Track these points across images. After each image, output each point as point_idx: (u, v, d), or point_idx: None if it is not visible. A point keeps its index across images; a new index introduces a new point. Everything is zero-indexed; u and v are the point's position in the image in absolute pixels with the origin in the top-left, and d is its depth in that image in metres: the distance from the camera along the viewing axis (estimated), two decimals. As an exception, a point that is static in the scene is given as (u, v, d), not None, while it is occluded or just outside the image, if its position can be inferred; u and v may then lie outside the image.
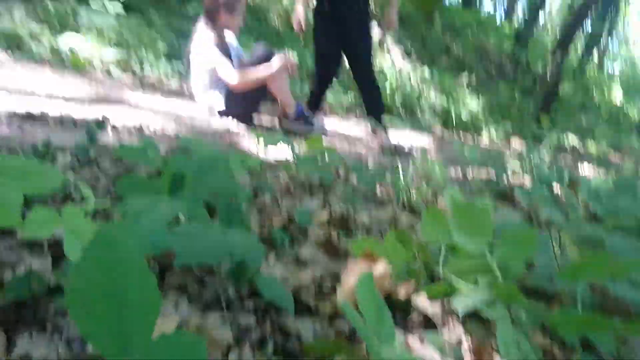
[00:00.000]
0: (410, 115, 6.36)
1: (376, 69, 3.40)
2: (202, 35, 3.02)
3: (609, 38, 18.56)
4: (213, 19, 3.03)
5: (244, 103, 3.08)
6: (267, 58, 3.01)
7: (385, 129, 3.34)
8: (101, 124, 1.17)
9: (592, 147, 5.68)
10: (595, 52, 16.23)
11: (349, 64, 3.31)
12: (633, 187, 1.87)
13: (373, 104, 3.31)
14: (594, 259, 0.83)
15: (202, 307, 0.84)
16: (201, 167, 1.16)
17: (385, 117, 3.00)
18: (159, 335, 0.37)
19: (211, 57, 2.95)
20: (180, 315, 0.80)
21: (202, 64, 3.01)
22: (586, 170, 3.87)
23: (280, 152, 2.31)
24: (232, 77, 2.92)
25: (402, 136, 4.30)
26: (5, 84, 2.68)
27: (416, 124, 5.86)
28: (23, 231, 0.63)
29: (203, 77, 3.08)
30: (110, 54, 4.26)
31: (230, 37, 3.22)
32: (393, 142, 3.29)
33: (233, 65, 3.01)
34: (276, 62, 2.96)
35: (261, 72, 2.96)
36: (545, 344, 0.91)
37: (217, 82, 3.05)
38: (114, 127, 2.18)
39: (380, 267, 1.00)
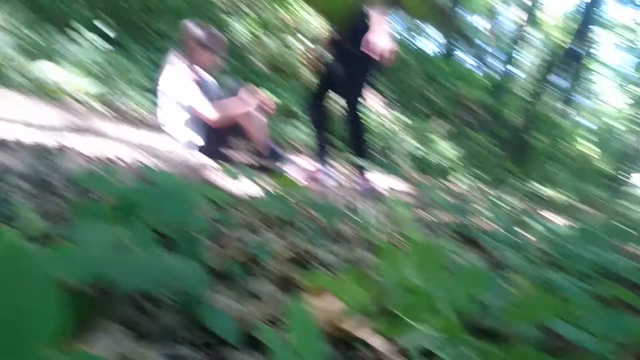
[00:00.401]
0: (387, 159, 6.46)
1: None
2: (177, 70, 3.05)
3: (579, 92, 19.32)
4: (189, 56, 3.07)
5: (218, 140, 3.10)
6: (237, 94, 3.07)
7: (364, 171, 3.33)
8: (66, 150, 1.16)
9: (558, 196, 5.82)
10: (566, 105, 16.84)
11: (347, 102, 3.25)
12: (592, 235, 1.91)
13: (359, 144, 3.26)
14: (539, 299, 0.83)
15: (145, 339, 0.81)
16: (159, 196, 1.16)
17: (365, 161, 2.98)
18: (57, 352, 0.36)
19: (188, 93, 2.98)
20: (121, 348, 0.77)
21: (178, 99, 3.03)
22: (551, 218, 3.94)
23: (248, 187, 2.31)
24: (209, 113, 2.95)
25: (377, 179, 4.35)
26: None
27: (392, 169, 5.95)
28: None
29: (178, 112, 3.10)
30: (89, 85, 4.27)
31: (206, 75, 3.26)
32: (369, 184, 3.29)
33: (210, 103, 3.04)
34: (245, 96, 2.99)
35: (234, 106, 2.99)
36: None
37: (192, 118, 3.07)
38: (83, 156, 2.16)
39: (332, 303, 0.99)
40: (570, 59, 10.09)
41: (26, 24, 4.85)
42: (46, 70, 4.10)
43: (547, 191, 6.75)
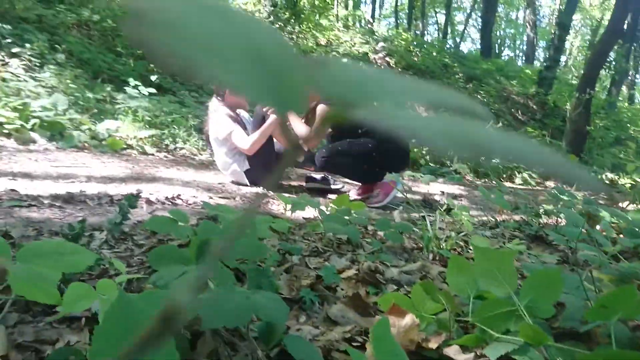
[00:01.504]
0: (440, 165, 6.37)
1: None
2: (217, 110, 3.21)
3: (636, 71, 18.38)
4: (226, 98, 3.23)
5: (265, 166, 3.18)
6: (264, 115, 3.17)
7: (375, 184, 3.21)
8: (133, 198, 1.24)
9: (627, 181, 5.52)
10: (623, 86, 16.05)
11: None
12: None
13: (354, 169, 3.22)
14: (621, 294, 0.81)
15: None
16: (227, 233, 1.21)
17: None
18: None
19: (226, 128, 3.12)
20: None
21: (220, 136, 3.17)
22: (624, 205, 3.75)
23: (308, 211, 2.35)
24: (243, 143, 3.08)
25: (433, 187, 4.30)
26: (49, 170, 2.86)
27: (446, 174, 5.86)
28: (62, 307, 0.67)
29: (223, 148, 3.23)
30: (145, 133, 4.50)
31: (242, 112, 3.40)
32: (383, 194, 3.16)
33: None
34: (273, 115, 3.10)
35: (264, 128, 3.10)
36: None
37: (237, 150, 3.19)
38: (148, 202, 2.27)
39: (408, 320, 1.00)
40: (618, 37, 9.65)
41: (80, 83, 5.19)
42: (104, 125, 4.36)
43: (615, 178, 6.43)
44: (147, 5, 0.14)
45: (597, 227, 1.59)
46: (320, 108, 3.06)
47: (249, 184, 3.22)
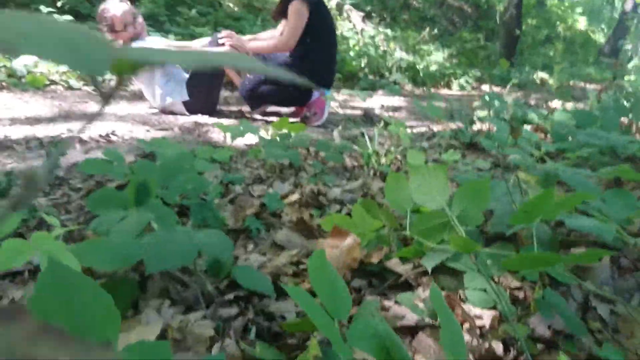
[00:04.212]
0: (378, 77, 6.37)
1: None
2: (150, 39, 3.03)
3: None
4: (113, 31, 3.04)
5: (203, 94, 3.09)
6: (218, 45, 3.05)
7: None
8: (63, 142, 1.19)
9: (555, 80, 5.76)
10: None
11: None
12: (591, 118, 1.94)
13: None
14: (541, 198, 0.88)
15: (184, 307, 0.88)
16: (166, 171, 1.19)
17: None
18: (124, 347, 0.41)
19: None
20: (163, 319, 0.84)
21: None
22: (554, 104, 3.94)
23: (249, 138, 2.34)
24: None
25: (373, 101, 4.34)
26: (-35, 115, 2.65)
27: (385, 85, 5.88)
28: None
29: (155, 79, 3.09)
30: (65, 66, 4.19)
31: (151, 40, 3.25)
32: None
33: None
34: (223, 42, 3.00)
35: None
36: (512, 285, 0.98)
37: (172, 79, 3.07)
38: (81, 141, 2.18)
39: (350, 240, 1.05)
40: None
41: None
42: (20, 61, 4.02)
43: (545, 77, 6.67)
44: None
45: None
46: (293, 5, 2.91)
47: (187, 114, 3.12)
